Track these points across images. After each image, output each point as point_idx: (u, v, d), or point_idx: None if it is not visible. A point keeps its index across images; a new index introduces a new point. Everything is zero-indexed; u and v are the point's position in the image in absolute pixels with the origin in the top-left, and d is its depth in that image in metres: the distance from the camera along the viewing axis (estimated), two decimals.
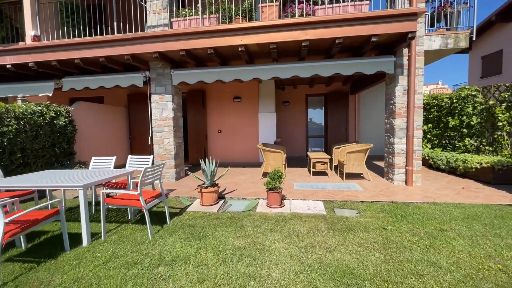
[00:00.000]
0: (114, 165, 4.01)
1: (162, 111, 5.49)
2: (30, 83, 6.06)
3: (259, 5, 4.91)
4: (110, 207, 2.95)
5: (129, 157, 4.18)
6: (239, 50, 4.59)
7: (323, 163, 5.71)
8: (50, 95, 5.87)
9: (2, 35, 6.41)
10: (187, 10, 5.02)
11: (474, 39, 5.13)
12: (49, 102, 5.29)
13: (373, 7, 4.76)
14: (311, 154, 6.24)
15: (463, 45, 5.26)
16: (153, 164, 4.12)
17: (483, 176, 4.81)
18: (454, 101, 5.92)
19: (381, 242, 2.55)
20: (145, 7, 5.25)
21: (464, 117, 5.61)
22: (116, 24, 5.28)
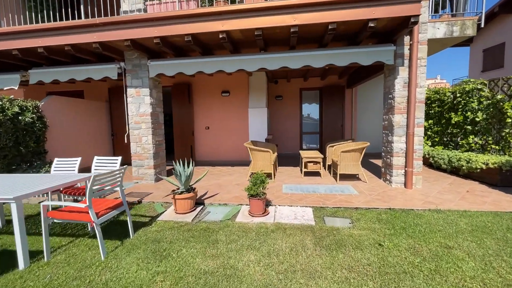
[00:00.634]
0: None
1: (139, 106, 4.99)
2: None
3: None
4: (56, 221, 2.50)
5: (95, 158, 3.70)
6: (221, 37, 4.08)
7: (315, 162, 5.27)
8: (16, 88, 5.32)
9: None
10: None
11: (482, 26, 4.64)
12: (12, 96, 4.76)
13: None
14: (303, 153, 5.79)
15: (470, 33, 4.77)
16: (121, 165, 3.65)
17: (488, 177, 4.40)
18: (457, 95, 5.46)
19: (376, 264, 2.12)
20: None
21: (468, 113, 5.15)
22: (83, 7, 4.71)
